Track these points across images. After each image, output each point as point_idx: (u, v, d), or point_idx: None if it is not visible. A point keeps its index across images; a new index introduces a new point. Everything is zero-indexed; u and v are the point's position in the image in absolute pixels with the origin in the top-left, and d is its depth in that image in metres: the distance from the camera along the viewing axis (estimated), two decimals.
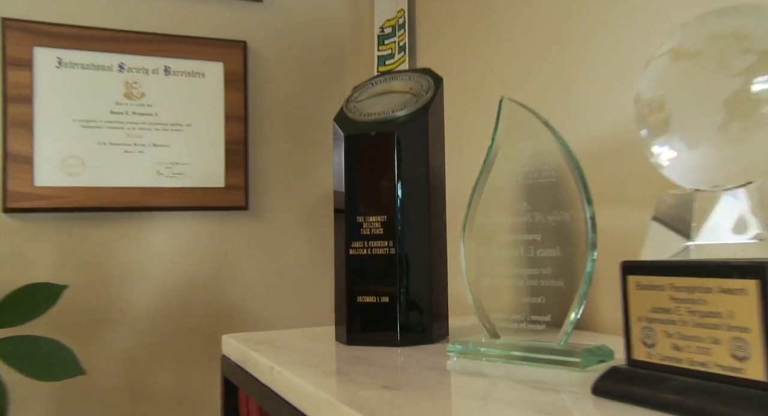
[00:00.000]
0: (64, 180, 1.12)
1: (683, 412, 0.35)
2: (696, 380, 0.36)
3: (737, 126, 0.36)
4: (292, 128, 1.29)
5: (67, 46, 1.14)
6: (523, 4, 0.84)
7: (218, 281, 1.21)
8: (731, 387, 0.34)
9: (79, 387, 1.08)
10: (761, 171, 0.36)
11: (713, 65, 0.36)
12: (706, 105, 0.36)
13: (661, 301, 0.38)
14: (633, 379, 0.39)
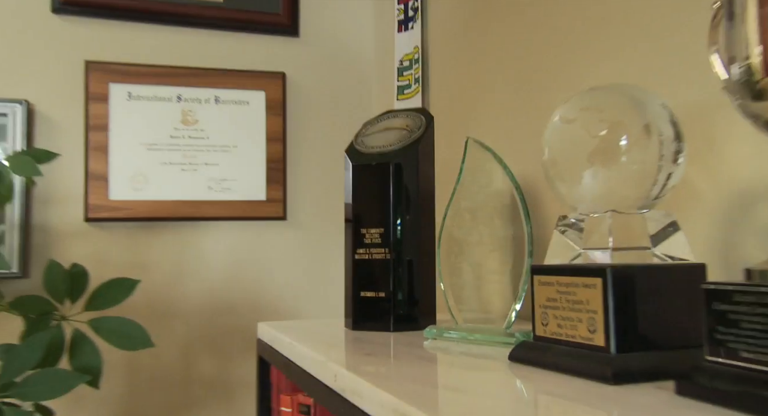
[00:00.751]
0: (132, 194, 1.33)
1: (558, 369, 0.51)
2: (568, 347, 0.52)
3: (598, 172, 0.52)
4: (324, 149, 1.48)
5: (135, 82, 1.35)
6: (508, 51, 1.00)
7: (258, 281, 1.41)
8: (587, 351, 0.50)
9: (146, 359, 1.29)
10: (617, 202, 0.52)
11: (581, 130, 0.52)
12: (578, 157, 0.53)
13: (551, 293, 0.54)
14: (533, 349, 0.55)
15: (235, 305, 1.38)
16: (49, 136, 1.29)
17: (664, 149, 0.50)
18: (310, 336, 0.79)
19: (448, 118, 1.17)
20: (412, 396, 0.45)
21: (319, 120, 1.49)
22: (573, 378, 0.49)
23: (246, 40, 1.45)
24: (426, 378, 0.54)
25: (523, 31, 0.96)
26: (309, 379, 0.64)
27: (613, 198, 0.52)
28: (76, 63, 1.32)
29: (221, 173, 1.40)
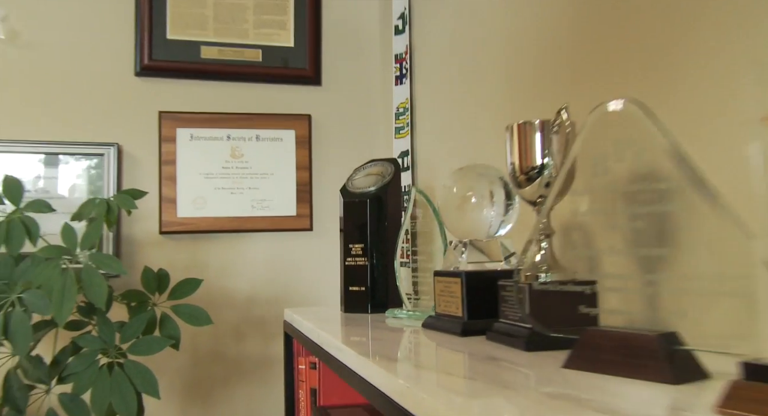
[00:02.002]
0: (194, 213, 1.77)
1: (441, 330, 0.91)
2: (447, 318, 0.91)
3: (461, 217, 0.91)
4: (342, 174, 1.88)
5: (195, 126, 1.79)
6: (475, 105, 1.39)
7: (289, 278, 1.83)
8: (455, 319, 0.89)
9: (205, 338, 1.73)
10: (471, 235, 0.91)
11: (454, 192, 0.92)
12: (452, 208, 0.92)
13: (441, 287, 0.94)
14: (433, 319, 0.95)
15: (271, 297, 1.81)
16: (133, 169, 1.74)
17: (496, 206, 0.89)
18: (316, 316, 1.20)
19: (428, 152, 1.56)
20: (356, 345, 0.85)
21: (337, 152, 1.90)
22: (446, 335, 0.88)
23: (279, 89, 1.87)
24: (370, 335, 0.94)
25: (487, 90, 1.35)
26: (313, 345, 1.05)
27: (469, 232, 0.91)
28: (152, 113, 1.77)
29: (261, 195, 1.83)
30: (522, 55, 1.15)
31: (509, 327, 0.78)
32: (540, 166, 0.77)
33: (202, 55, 1.82)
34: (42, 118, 1.69)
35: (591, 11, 0.95)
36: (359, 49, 1.96)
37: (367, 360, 0.72)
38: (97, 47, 1.75)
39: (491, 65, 1.27)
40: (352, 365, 0.77)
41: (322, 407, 1.17)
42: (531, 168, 0.78)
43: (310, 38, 1.89)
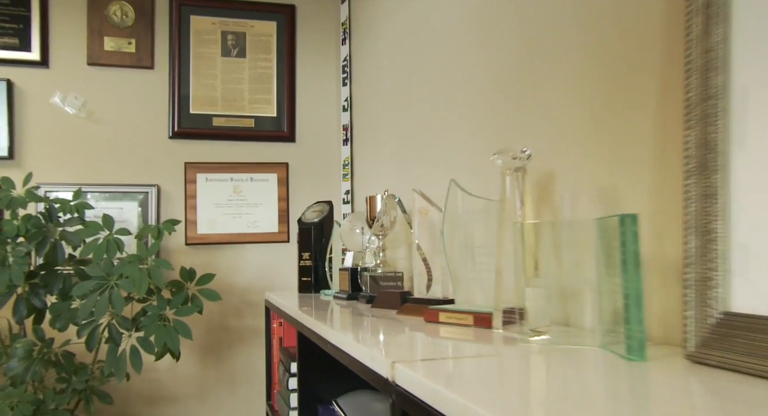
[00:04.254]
0: (209, 230, 2.64)
1: (340, 299, 1.76)
2: (344, 292, 1.77)
3: (350, 238, 1.77)
4: (311, 201, 2.75)
5: (209, 172, 2.66)
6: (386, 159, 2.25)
7: (272, 275, 2.69)
8: (345, 293, 1.75)
9: (216, 316, 2.60)
10: (355, 247, 1.78)
11: (349, 226, 1.78)
12: (346, 234, 1.78)
13: (342, 276, 1.79)
14: (339, 294, 1.81)
15: (260, 286, 2.68)
16: (167, 202, 2.61)
17: (365, 234, 1.74)
18: (283, 296, 2.06)
19: (362, 191, 2.43)
20: (304, 310, 1.72)
21: (306, 190, 2.76)
22: (343, 301, 1.74)
23: (266, 145, 2.74)
24: (313, 304, 1.80)
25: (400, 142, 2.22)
26: (280, 312, 1.90)
27: (353, 246, 1.77)
28: (180, 163, 2.64)
29: (254, 218, 2.69)
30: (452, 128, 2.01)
31: (365, 295, 1.64)
32: (377, 217, 1.63)
33: (213, 123, 2.69)
34: (108, 168, 2.56)
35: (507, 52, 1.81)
36: (321, 118, 2.82)
37: (309, 318, 1.58)
38: (144, 120, 2.62)
39: (410, 136, 2.13)
40: (304, 321, 1.63)
41: (285, 347, 2.03)
42: (373, 218, 1.64)
43: (287, 110, 2.76)
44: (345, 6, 2.69)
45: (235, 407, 2.62)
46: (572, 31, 1.07)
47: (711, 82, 0.69)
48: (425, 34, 1.78)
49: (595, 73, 1.00)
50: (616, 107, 0.96)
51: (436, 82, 1.70)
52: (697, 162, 0.70)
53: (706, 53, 0.70)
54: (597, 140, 0.99)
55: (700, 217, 0.69)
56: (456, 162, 1.57)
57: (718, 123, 0.68)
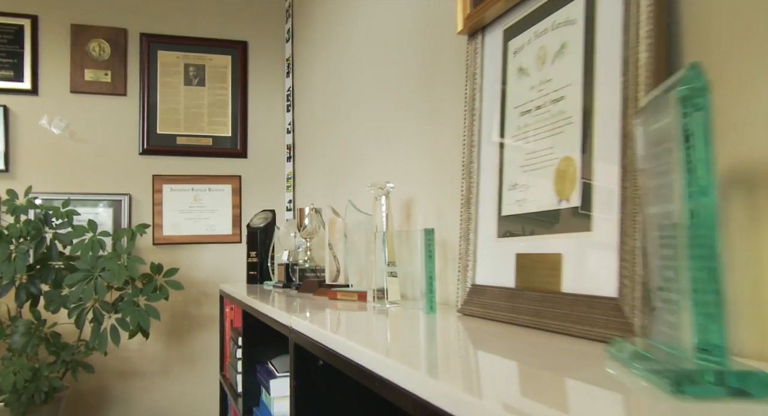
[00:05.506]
0: (173, 232, 3.07)
1: (278, 288, 2.23)
2: (281, 282, 2.24)
3: (287, 240, 2.25)
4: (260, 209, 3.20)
5: (174, 183, 3.09)
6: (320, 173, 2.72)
7: (226, 270, 3.14)
8: (282, 282, 2.22)
9: (179, 304, 3.03)
10: (291, 247, 2.25)
11: (287, 231, 2.26)
12: (284, 236, 2.26)
13: (281, 270, 2.26)
14: (277, 284, 2.28)
15: (216, 279, 3.12)
16: (138, 208, 3.03)
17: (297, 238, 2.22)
18: (234, 286, 2.52)
19: (303, 201, 2.90)
20: (252, 296, 2.18)
21: (256, 198, 3.22)
22: (281, 289, 2.21)
23: (222, 161, 3.18)
24: (258, 291, 2.26)
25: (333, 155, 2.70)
26: (232, 298, 2.35)
27: (289, 247, 2.24)
28: (149, 175, 3.06)
29: (212, 222, 3.13)
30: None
31: (295, 283, 2.11)
32: (305, 225, 2.10)
33: (177, 142, 3.12)
34: (87, 179, 2.97)
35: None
36: (269, 138, 3.28)
37: (255, 301, 2.04)
38: (118, 139, 3.03)
39: (339, 154, 2.61)
40: (249, 302, 2.09)
41: (235, 327, 2.48)
42: (302, 225, 2.11)
43: (240, 131, 3.21)
44: (289, 44, 3.16)
45: (194, 379, 3.06)
46: (418, 97, 1.56)
47: (474, 131, 1.19)
48: (350, 70, 2.26)
49: (431, 128, 1.50)
50: (443, 154, 1.45)
51: (357, 111, 2.18)
52: (465, 198, 1.20)
53: (473, 116, 1.20)
54: (435, 176, 1.49)
55: (464, 230, 1.19)
56: (372, 176, 2.06)
57: (473, 173, 1.18)
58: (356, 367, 0.81)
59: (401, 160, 1.71)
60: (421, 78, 1.58)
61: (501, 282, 1.05)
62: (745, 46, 0.69)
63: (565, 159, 0.91)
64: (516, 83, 1.07)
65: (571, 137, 0.90)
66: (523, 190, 1.02)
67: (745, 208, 0.68)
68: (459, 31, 1.24)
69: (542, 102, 0.98)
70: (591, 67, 0.88)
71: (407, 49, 1.67)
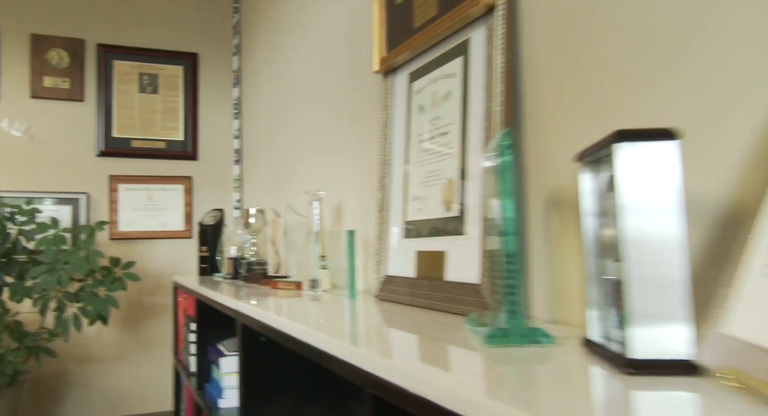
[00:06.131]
0: (129, 228, 3.20)
1: (227, 279, 2.42)
2: (230, 274, 2.43)
3: (233, 237, 2.44)
4: (208, 209, 3.37)
5: (129, 183, 3.22)
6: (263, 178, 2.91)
7: (179, 262, 3.30)
8: (230, 274, 2.41)
9: (135, 294, 3.17)
10: (238, 243, 2.45)
11: (232, 231, 2.45)
12: (231, 235, 2.45)
13: (229, 264, 2.46)
14: (226, 276, 2.47)
15: (170, 272, 3.28)
16: (95, 206, 3.15)
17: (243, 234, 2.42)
18: (187, 278, 2.69)
19: (249, 200, 3.08)
20: (203, 286, 2.36)
21: (207, 197, 3.38)
22: (230, 280, 2.40)
23: (175, 163, 3.33)
24: (209, 282, 2.45)
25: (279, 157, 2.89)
26: (185, 289, 2.53)
27: (236, 242, 2.44)
28: (106, 176, 3.18)
29: (166, 219, 3.28)
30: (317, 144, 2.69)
31: (243, 275, 2.31)
32: (250, 223, 2.30)
33: (132, 145, 3.25)
34: (48, 179, 3.07)
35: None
36: (218, 143, 3.45)
37: (206, 289, 2.22)
38: (76, 142, 3.14)
39: (281, 158, 2.80)
40: (201, 291, 2.27)
41: (188, 315, 2.65)
42: (248, 223, 2.31)
43: (192, 135, 3.36)
44: (237, 57, 3.33)
45: (149, 363, 3.21)
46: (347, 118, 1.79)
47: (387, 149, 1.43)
48: (291, 87, 2.47)
49: (357, 145, 1.73)
50: (366, 168, 1.69)
51: (296, 123, 2.39)
52: (380, 205, 1.43)
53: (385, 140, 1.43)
54: (360, 185, 1.72)
55: (379, 232, 1.43)
56: (309, 182, 2.27)
57: (386, 186, 1.42)
58: (294, 340, 1.03)
59: (333, 170, 1.94)
60: (350, 102, 1.81)
61: (405, 273, 1.30)
62: (558, 107, 0.95)
63: (449, 180, 1.16)
64: (417, 117, 1.31)
65: (452, 163, 1.15)
66: (422, 201, 1.26)
67: (556, 219, 0.94)
68: (375, 71, 1.47)
69: (434, 134, 1.23)
70: (466, 111, 1.12)
71: (340, 75, 1.90)
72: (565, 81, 0.94)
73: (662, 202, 0.58)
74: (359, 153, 1.74)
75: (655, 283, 0.57)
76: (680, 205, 0.58)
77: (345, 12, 1.83)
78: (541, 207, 0.98)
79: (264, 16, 2.84)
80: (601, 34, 0.87)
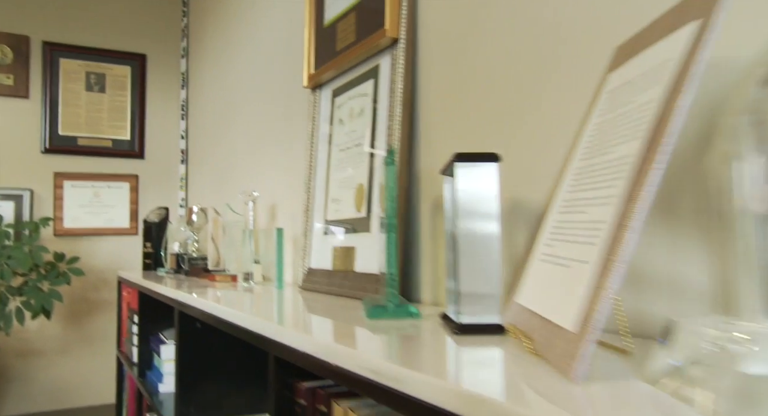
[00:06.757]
0: (74, 224, 3.30)
1: (170, 274, 2.57)
2: (173, 269, 2.58)
3: (177, 233, 2.59)
4: (154, 206, 3.49)
5: (75, 180, 3.31)
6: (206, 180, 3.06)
7: (124, 259, 3.41)
8: (173, 269, 2.56)
9: (79, 289, 3.27)
10: (181, 240, 2.60)
11: (175, 227, 2.60)
12: (175, 232, 2.60)
13: (172, 259, 2.60)
14: (169, 271, 2.61)
15: (114, 267, 3.38)
16: (40, 202, 3.24)
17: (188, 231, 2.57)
18: (131, 273, 2.82)
19: (194, 198, 3.22)
20: (147, 280, 2.50)
21: (152, 194, 3.50)
22: (174, 275, 2.55)
23: (121, 161, 3.44)
24: (152, 277, 2.58)
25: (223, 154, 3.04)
26: (129, 283, 2.66)
27: (179, 239, 2.59)
28: (51, 173, 3.27)
29: (112, 216, 3.39)
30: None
31: (185, 270, 2.46)
32: (192, 221, 2.46)
33: (78, 142, 3.35)
34: None
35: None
36: (165, 143, 3.57)
37: (149, 282, 2.36)
38: (21, 138, 3.22)
39: (224, 159, 2.95)
40: (144, 284, 2.41)
41: (131, 308, 2.78)
42: (190, 220, 2.46)
43: (139, 135, 3.48)
44: (184, 60, 3.46)
45: (92, 357, 3.32)
46: (282, 125, 1.97)
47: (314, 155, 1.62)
48: (233, 93, 2.63)
49: (290, 151, 1.91)
50: (297, 172, 1.87)
51: (237, 128, 2.56)
52: (305, 206, 1.62)
53: (311, 147, 1.62)
54: (291, 187, 1.91)
55: (304, 229, 1.62)
56: (248, 182, 2.44)
57: (311, 189, 1.61)
58: (228, 324, 1.21)
59: (269, 173, 2.12)
60: (285, 110, 1.99)
61: (324, 266, 1.49)
62: (443, 126, 1.16)
63: (359, 185, 1.36)
64: (337, 129, 1.51)
65: (363, 171, 1.35)
66: (339, 203, 1.46)
67: (438, 220, 1.15)
68: (304, 86, 1.66)
69: (350, 145, 1.42)
70: (374, 127, 1.33)
71: (276, 85, 2.08)
72: (449, 105, 1.15)
73: (485, 207, 0.79)
74: (291, 158, 1.93)
75: (477, 269, 0.78)
76: (497, 210, 0.79)
77: (282, 26, 2.02)
78: (428, 210, 1.19)
79: (211, 21, 2.99)
80: (478, 70, 1.08)
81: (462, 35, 1.12)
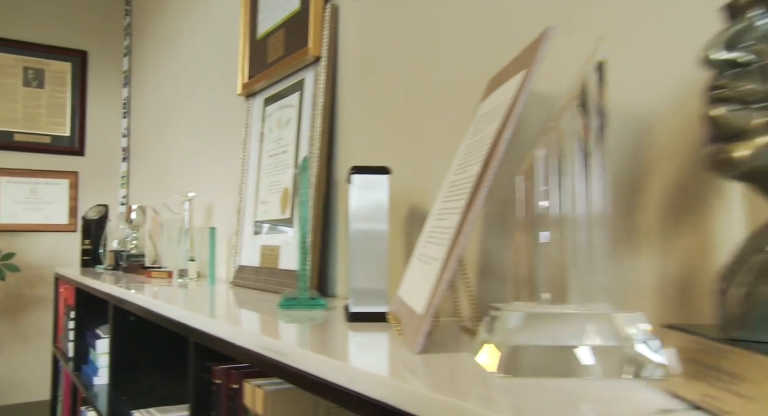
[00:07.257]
0: (9, 220, 3.30)
1: (108, 271, 2.63)
2: (112, 266, 2.64)
3: (117, 231, 2.65)
4: (97, 202, 3.52)
5: (11, 176, 3.32)
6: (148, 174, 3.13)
7: (61, 255, 3.43)
8: (113, 266, 2.63)
9: (14, 287, 3.28)
10: (120, 237, 2.67)
11: (114, 225, 2.66)
12: (113, 230, 2.66)
13: (111, 257, 2.67)
14: (107, 267, 2.68)
15: (51, 264, 3.41)
16: None
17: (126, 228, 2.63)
18: (69, 269, 2.86)
19: (135, 196, 3.28)
20: (85, 276, 2.56)
21: (93, 191, 3.54)
22: (111, 271, 2.61)
23: (61, 158, 3.46)
24: (90, 274, 2.64)
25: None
26: (67, 279, 2.71)
27: (119, 237, 2.66)
28: None
29: (50, 213, 3.41)
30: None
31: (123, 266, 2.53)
32: (131, 219, 2.53)
33: (15, 138, 3.36)
34: None
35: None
36: (106, 141, 3.61)
37: (87, 278, 2.42)
38: None
39: (164, 158, 3.02)
40: (82, 280, 2.47)
41: (68, 304, 2.83)
42: (128, 219, 2.53)
43: (79, 132, 3.51)
44: (127, 58, 3.51)
45: (27, 354, 3.33)
46: (218, 130, 2.08)
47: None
48: (173, 95, 2.71)
49: (225, 154, 2.03)
50: (232, 174, 1.98)
51: (177, 129, 2.64)
52: (237, 207, 1.74)
53: (244, 153, 1.74)
54: (226, 189, 2.02)
55: (236, 229, 1.74)
56: (186, 182, 2.53)
57: (243, 191, 1.73)
58: (162, 317, 1.32)
59: (206, 174, 2.22)
60: (221, 115, 2.10)
61: (252, 263, 1.62)
62: (356, 137, 1.31)
63: (285, 189, 1.49)
64: (268, 136, 1.63)
65: (288, 176, 1.48)
66: (267, 205, 1.58)
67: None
68: (238, 94, 1.78)
69: (278, 151, 1.55)
70: (299, 136, 1.46)
71: (213, 90, 2.18)
72: (363, 119, 1.29)
73: (376, 213, 0.93)
74: (226, 161, 2.04)
75: (368, 266, 0.92)
76: (387, 216, 0.93)
77: (220, 34, 2.13)
78: (345, 214, 1.33)
79: (153, 21, 3.06)
80: (384, 91, 1.23)
81: (372, 59, 1.26)
